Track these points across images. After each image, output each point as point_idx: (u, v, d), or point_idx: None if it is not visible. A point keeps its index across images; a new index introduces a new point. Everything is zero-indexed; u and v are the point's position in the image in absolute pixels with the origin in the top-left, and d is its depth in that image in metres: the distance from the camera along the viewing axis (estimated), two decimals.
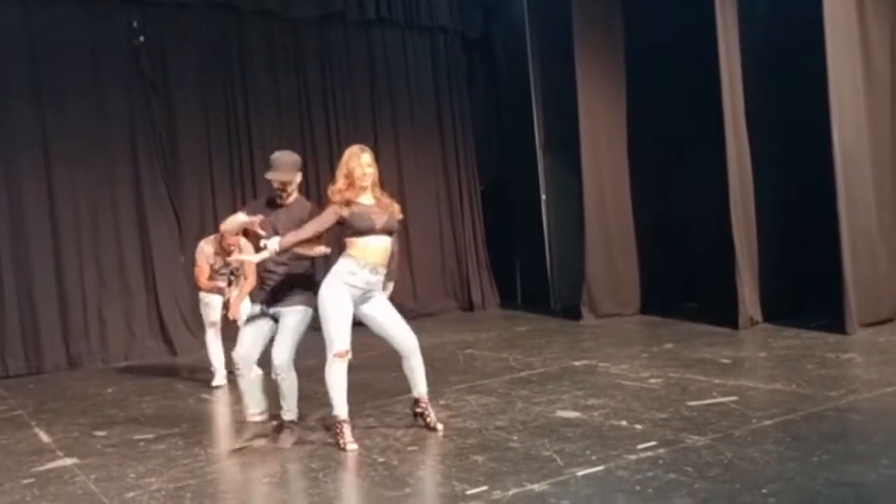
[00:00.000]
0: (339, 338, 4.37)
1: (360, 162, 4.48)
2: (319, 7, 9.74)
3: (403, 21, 10.39)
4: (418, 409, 4.66)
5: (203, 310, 6.74)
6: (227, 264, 6.50)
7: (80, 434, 5.24)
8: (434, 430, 4.54)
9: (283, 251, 4.45)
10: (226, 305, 6.55)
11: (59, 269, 8.27)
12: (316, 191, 9.93)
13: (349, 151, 4.58)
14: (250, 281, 6.17)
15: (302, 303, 4.57)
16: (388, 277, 4.62)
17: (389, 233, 4.50)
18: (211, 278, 6.55)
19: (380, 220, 4.43)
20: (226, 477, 4.04)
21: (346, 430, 4.39)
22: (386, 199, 4.58)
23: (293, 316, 4.56)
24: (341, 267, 4.43)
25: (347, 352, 4.39)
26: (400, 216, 4.60)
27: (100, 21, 8.54)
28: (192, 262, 6.78)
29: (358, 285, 4.42)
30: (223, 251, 6.44)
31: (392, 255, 4.59)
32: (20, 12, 8.17)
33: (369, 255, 4.42)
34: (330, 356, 4.39)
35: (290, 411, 4.63)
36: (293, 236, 4.45)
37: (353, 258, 4.42)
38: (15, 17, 8.14)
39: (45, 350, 8.12)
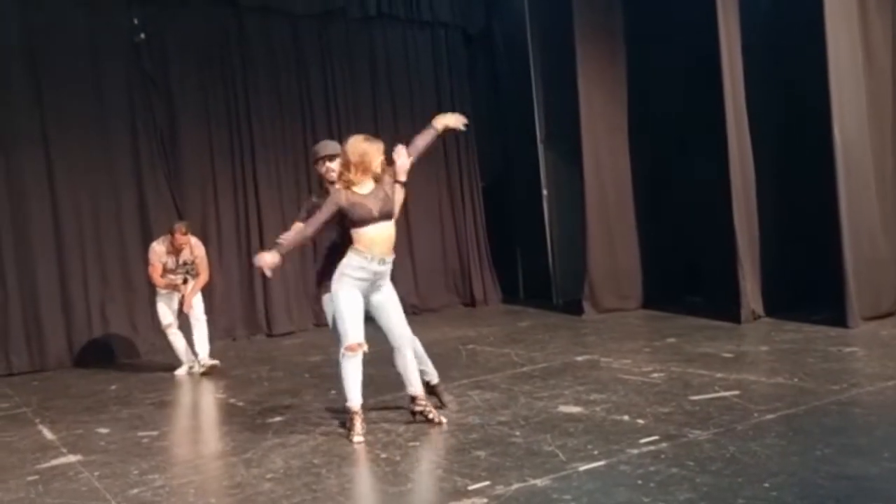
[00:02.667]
0: (352, 331, 4.41)
1: (377, 147, 4.52)
2: (321, 3, 9.73)
3: (404, 16, 10.38)
4: (417, 408, 4.64)
5: (159, 311, 7.16)
6: (182, 263, 7.03)
7: (83, 431, 5.25)
8: (438, 424, 4.55)
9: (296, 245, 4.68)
10: (181, 301, 7.09)
11: (62, 266, 8.29)
12: (318, 187, 9.94)
13: (360, 138, 4.57)
14: (202, 277, 7.14)
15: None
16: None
17: (389, 217, 4.52)
18: (163, 276, 7.02)
19: (376, 207, 4.45)
20: (229, 473, 4.05)
21: (357, 422, 4.43)
22: (385, 178, 4.57)
23: (393, 290, 4.66)
24: (350, 262, 4.45)
25: (360, 345, 4.44)
26: (393, 185, 4.58)
27: (100, 19, 8.53)
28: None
29: (367, 278, 4.47)
30: (174, 250, 7.01)
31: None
32: (20, 10, 8.16)
33: (375, 246, 4.45)
34: (342, 350, 4.43)
35: (433, 373, 4.93)
36: (295, 235, 4.50)
37: (360, 252, 4.43)
38: (15, 14, 8.14)
39: (48, 347, 8.14)
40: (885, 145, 6.98)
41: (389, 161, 4.62)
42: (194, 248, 7.12)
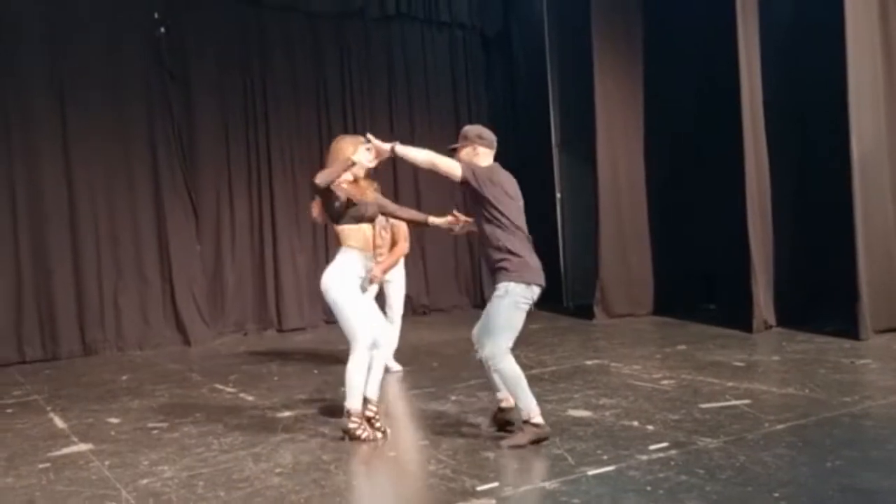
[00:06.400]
0: (365, 330, 4.38)
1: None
2: (340, 2, 9.77)
3: (423, 17, 10.41)
4: (367, 412, 4.45)
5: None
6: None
7: (94, 420, 5.29)
8: (384, 434, 4.42)
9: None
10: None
11: (76, 257, 8.35)
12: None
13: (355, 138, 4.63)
14: (401, 246, 6.20)
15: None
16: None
17: (372, 221, 4.56)
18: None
19: (370, 209, 4.51)
20: (238, 466, 4.07)
21: (361, 421, 4.41)
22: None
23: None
24: (348, 260, 4.44)
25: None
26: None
27: (121, 12, 8.60)
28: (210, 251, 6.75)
29: (361, 275, 4.49)
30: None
31: None
32: (42, 3, 8.23)
33: (367, 244, 4.49)
34: (358, 348, 4.35)
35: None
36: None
37: (356, 249, 4.45)
38: (36, 6, 8.21)
39: (60, 337, 8.20)
40: None
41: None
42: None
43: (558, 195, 9.98)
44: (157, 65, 8.80)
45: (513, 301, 4.18)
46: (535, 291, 4.27)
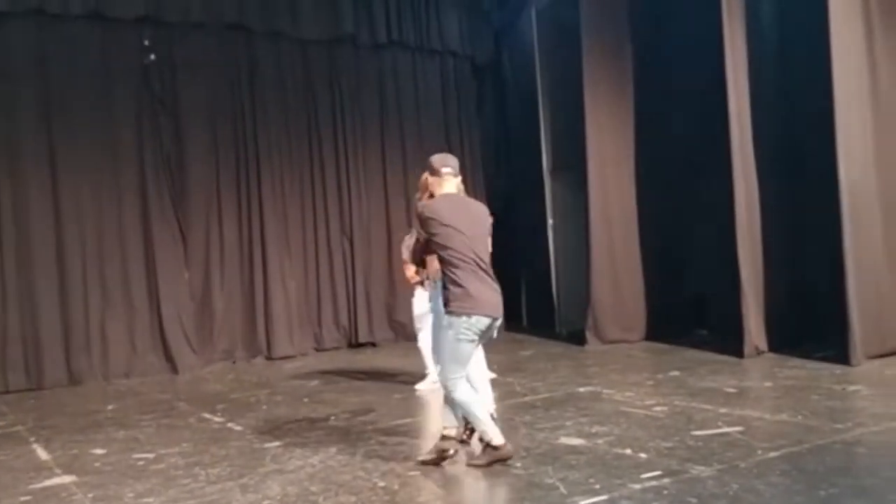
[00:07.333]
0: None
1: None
2: (331, 30, 9.82)
3: (414, 45, 10.48)
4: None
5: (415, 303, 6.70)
6: None
7: (78, 451, 5.20)
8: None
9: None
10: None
11: (63, 284, 8.29)
12: (324, 210, 9.98)
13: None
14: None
15: None
16: None
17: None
18: (417, 272, 6.17)
19: None
20: (226, 498, 3.99)
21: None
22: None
23: None
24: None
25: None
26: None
27: (111, 39, 8.64)
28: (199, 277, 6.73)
29: None
30: None
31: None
32: (32, 29, 8.26)
33: None
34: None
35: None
36: None
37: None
38: (27, 33, 8.23)
39: (45, 365, 8.11)
40: (890, 184, 6.96)
41: None
42: None
43: (550, 221, 9.99)
44: (146, 91, 8.81)
45: (454, 333, 4.18)
46: (482, 322, 4.19)
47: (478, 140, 11.10)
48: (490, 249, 4.43)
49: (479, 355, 4.53)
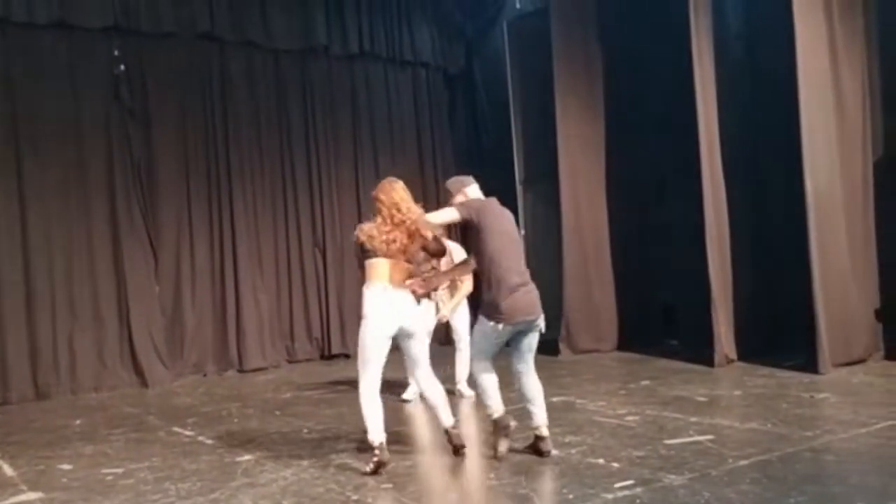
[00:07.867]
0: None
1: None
2: (302, 40, 9.80)
3: (386, 55, 10.49)
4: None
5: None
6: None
7: (45, 468, 5.10)
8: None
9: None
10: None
11: (30, 297, 8.12)
12: (296, 222, 9.92)
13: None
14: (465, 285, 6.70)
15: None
16: None
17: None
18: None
19: None
20: None
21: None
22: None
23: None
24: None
25: None
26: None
27: (80, 49, 8.51)
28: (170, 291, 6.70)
29: None
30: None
31: None
32: (0, 36, 8.12)
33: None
34: None
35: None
36: None
37: None
38: None
39: (11, 380, 7.93)
40: (855, 195, 7.10)
41: None
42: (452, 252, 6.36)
43: (522, 232, 10.01)
44: (116, 102, 8.69)
45: (481, 329, 4.72)
46: (507, 329, 4.70)
47: (450, 151, 11.13)
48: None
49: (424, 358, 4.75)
